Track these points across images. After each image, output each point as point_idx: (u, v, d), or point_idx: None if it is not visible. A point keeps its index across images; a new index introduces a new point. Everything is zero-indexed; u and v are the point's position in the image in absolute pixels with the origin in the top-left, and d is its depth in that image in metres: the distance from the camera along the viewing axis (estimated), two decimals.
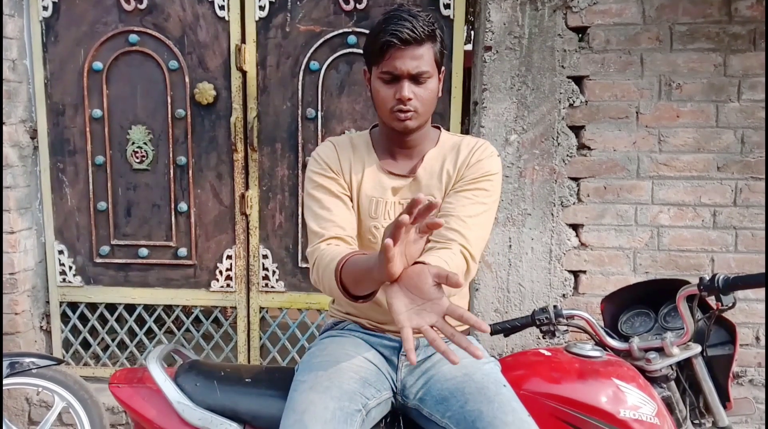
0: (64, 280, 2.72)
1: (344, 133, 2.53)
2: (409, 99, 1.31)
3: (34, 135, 2.63)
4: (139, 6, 2.52)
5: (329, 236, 1.33)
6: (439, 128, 1.50)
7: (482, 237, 1.35)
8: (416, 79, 1.31)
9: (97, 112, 2.60)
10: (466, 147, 1.42)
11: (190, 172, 2.61)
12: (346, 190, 1.42)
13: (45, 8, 2.55)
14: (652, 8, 2.19)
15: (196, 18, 2.52)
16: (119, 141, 2.62)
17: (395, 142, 1.43)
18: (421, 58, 1.29)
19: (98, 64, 2.57)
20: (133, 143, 2.61)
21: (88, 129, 2.61)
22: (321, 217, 1.37)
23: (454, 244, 1.28)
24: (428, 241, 1.13)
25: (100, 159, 2.63)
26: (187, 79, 2.56)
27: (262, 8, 2.49)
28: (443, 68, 1.40)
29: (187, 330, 2.77)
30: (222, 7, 2.50)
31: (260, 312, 2.70)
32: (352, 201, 1.43)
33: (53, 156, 2.65)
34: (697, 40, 2.19)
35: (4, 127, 2.49)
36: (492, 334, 1.68)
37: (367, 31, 2.41)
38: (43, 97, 2.60)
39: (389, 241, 0.94)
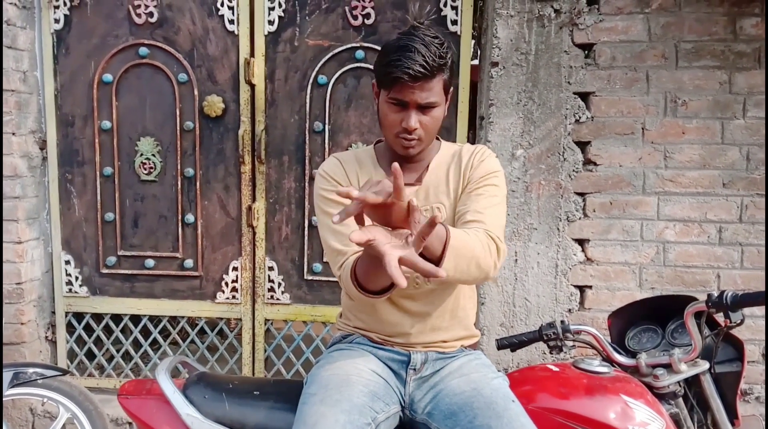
0: (70, 290, 2.73)
1: (351, 146, 2.55)
2: (415, 129, 1.34)
3: (43, 146, 2.65)
4: (149, 19, 2.55)
5: (353, 252, 1.33)
6: (438, 139, 1.52)
7: (500, 224, 1.37)
8: (424, 108, 1.33)
9: (107, 124, 2.62)
10: (467, 152, 1.47)
11: (198, 183, 2.63)
12: None
13: (57, 21, 2.58)
14: (657, 26, 2.21)
15: (206, 32, 2.55)
16: (128, 152, 2.64)
17: (400, 156, 1.45)
18: (431, 90, 1.31)
19: (108, 76, 2.60)
20: (142, 155, 2.63)
21: (97, 140, 2.63)
22: (341, 232, 1.35)
23: (475, 227, 1.30)
24: None
25: (108, 170, 2.64)
26: (196, 92, 2.58)
27: (271, 23, 2.52)
28: (452, 89, 1.41)
29: (192, 341, 2.77)
30: (232, 21, 2.53)
31: (265, 324, 2.70)
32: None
33: (62, 167, 2.66)
34: (702, 57, 2.21)
35: (14, 138, 2.51)
36: (499, 348, 1.68)
37: (375, 47, 2.48)
38: (53, 109, 2.63)
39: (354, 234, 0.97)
